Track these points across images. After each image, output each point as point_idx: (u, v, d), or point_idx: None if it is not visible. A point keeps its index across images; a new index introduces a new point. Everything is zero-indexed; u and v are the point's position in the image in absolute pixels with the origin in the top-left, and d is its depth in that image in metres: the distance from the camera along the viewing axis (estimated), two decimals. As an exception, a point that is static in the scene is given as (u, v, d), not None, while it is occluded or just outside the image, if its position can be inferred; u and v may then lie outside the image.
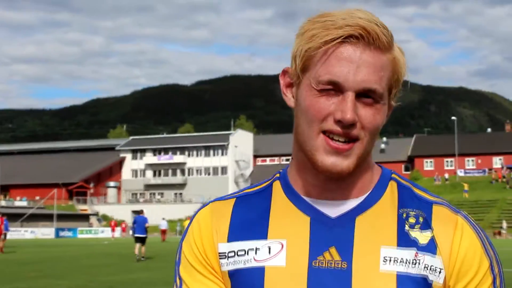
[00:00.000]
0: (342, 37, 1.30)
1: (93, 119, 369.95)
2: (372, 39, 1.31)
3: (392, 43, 1.36)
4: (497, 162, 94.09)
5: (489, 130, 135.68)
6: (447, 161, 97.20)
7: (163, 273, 19.98)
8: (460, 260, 1.36)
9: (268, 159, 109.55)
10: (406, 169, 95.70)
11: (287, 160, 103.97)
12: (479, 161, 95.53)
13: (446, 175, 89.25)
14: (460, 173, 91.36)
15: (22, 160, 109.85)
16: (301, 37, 1.36)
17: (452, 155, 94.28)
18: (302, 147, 1.38)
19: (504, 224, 61.05)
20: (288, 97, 1.43)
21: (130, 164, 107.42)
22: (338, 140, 1.32)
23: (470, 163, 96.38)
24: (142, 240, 26.20)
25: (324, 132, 1.33)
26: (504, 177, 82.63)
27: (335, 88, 1.31)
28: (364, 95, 1.32)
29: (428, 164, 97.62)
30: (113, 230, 70.08)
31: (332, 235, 1.38)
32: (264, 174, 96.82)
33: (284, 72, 1.44)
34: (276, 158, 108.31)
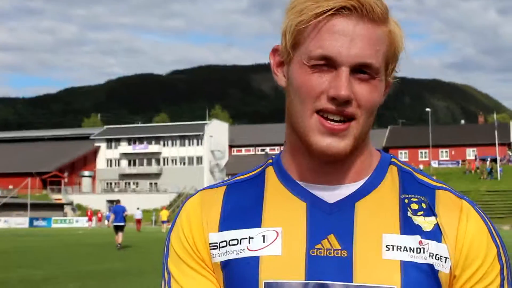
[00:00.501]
0: (334, 9, 1.23)
1: (67, 108, 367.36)
2: (366, 10, 1.23)
3: (387, 15, 1.28)
4: (470, 153, 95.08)
5: (462, 122, 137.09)
6: (421, 152, 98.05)
7: (138, 262, 19.93)
8: (467, 247, 1.30)
9: (243, 149, 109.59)
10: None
11: (263, 150, 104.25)
12: (453, 152, 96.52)
13: (421, 166, 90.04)
14: (434, 164, 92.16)
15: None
16: (291, 11, 1.28)
17: (426, 147, 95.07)
18: (295, 128, 1.30)
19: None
20: (279, 77, 1.35)
21: (105, 154, 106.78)
22: (333, 120, 1.25)
23: (444, 154, 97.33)
24: (121, 228, 27.11)
25: (318, 111, 1.25)
26: (478, 168, 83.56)
27: (328, 64, 1.24)
28: (359, 70, 1.24)
29: (402, 155, 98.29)
30: (89, 220, 69.80)
31: (330, 222, 1.30)
32: (239, 164, 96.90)
33: (274, 50, 1.36)
34: (251, 149, 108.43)
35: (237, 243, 1.33)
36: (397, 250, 1.27)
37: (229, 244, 1.33)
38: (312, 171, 1.34)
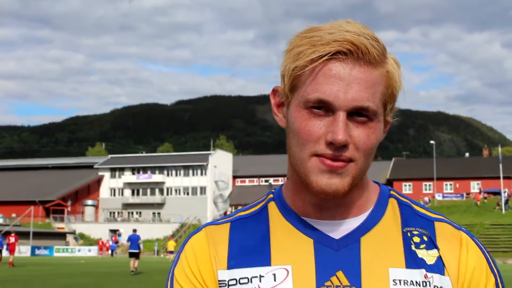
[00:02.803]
0: (330, 54, 1.23)
1: (72, 136, 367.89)
2: (361, 53, 1.23)
3: (385, 56, 1.28)
4: (474, 186, 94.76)
5: (467, 154, 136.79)
6: (425, 185, 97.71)
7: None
8: (468, 278, 1.32)
9: (247, 180, 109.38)
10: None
11: (266, 181, 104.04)
12: (457, 185, 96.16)
13: (426, 199, 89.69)
14: (438, 197, 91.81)
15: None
16: (289, 54, 1.29)
17: (431, 179, 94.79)
18: (296, 169, 1.31)
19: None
20: (279, 117, 1.36)
21: (109, 183, 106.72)
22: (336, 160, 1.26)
23: (448, 187, 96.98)
24: (136, 255, 30.34)
25: (317, 155, 1.26)
26: (485, 198, 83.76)
27: (325, 108, 1.24)
28: (357, 113, 1.25)
29: (406, 188, 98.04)
30: (101, 249, 69.93)
31: (338, 258, 1.30)
32: (243, 195, 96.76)
33: (274, 91, 1.37)
34: (255, 179, 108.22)
35: (248, 282, 1.32)
36: (404, 284, 1.28)
37: (239, 283, 1.32)
38: (315, 206, 1.34)
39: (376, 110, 1.26)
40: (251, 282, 1.32)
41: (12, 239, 42.98)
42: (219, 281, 1.34)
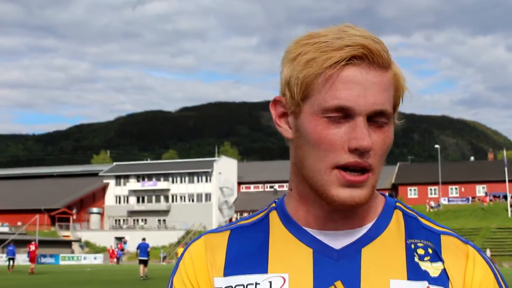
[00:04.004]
0: (346, 59, 1.21)
1: (77, 144, 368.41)
2: (375, 57, 1.23)
3: (391, 59, 1.28)
4: (480, 190, 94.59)
5: (472, 158, 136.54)
6: (430, 189, 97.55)
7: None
8: None
9: (252, 186, 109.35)
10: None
11: (271, 187, 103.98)
12: (463, 189, 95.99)
13: (432, 203, 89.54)
14: (444, 201, 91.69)
15: (4, 185, 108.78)
16: (293, 62, 1.26)
17: (436, 183, 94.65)
18: (310, 181, 1.27)
19: (488, 253, 61.19)
20: (284, 128, 1.32)
21: (114, 190, 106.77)
22: (354, 170, 1.24)
23: (453, 191, 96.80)
24: (145, 262, 32.52)
25: (338, 167, 1.23)
26: (491, 201, 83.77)
27: (344, 115, 1.22)
28: (373, 118, 1.24)
29: (412, 192, 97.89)
30: (111, 257, 70.09)
31: (337, 268, 1.27)
32: (248, 201, 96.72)
33: (275, 101, 1.33)
34: (260, 185, 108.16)
35: None
36: None
37: None
38: (319, 218, 1.32)
39: (390, 113, 1.26)
40: None
41: (32, 247, 43.44)
42: None
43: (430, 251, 1.31)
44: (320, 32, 1.26)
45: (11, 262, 44.81)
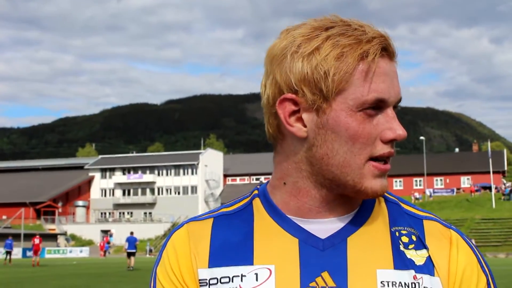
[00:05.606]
0: (379, 52, 1.23)
1: (62, 137, 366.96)
2: (392, 48, 1.26)
3: None
4: (464, 181, 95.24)
5: (456, 150, 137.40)
6: (415, 181, 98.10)
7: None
8: (459, 278, 1.29)
9: (238, 178, 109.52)
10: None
11: (257, 179, 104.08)
12: (447, 180, 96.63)
13: (416, 194, 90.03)
14: (429, 192, 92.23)
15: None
16: (313, 57, 1.22)
17: (421, 175, 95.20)
18: (340, 176, 1.25)
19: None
20: (297, 127, 1.26)
21: (99, 183, 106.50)
22: (382, 160, 1.26)
23: (438, 182, 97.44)
24: (133, 254, 35.05)
25: (372, 158, 1.25)
26: (477, 191, 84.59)
27: (376, 106, 1.23)
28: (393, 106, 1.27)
29: (397, 184, 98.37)
30: (101, 249, 70.05)
31: (323, 259, 1.25)
32: (234, 194, 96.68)
33: (285, 99, 1.26)
34: (246, 178, 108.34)
35: (229, 281, 1.27)
36: (392, 286, 1.24)
37: (220, 282, 1.28)
38: (306, 208, 1.30)
39: None
40: (232, 281, 1.27)
41: (36, 241, 44.23)
42: (199, 280, 1.30)
43: (414, 238, 1.31)
44: (325, 24, 1.25)
45: (8, 255, 45.01)
